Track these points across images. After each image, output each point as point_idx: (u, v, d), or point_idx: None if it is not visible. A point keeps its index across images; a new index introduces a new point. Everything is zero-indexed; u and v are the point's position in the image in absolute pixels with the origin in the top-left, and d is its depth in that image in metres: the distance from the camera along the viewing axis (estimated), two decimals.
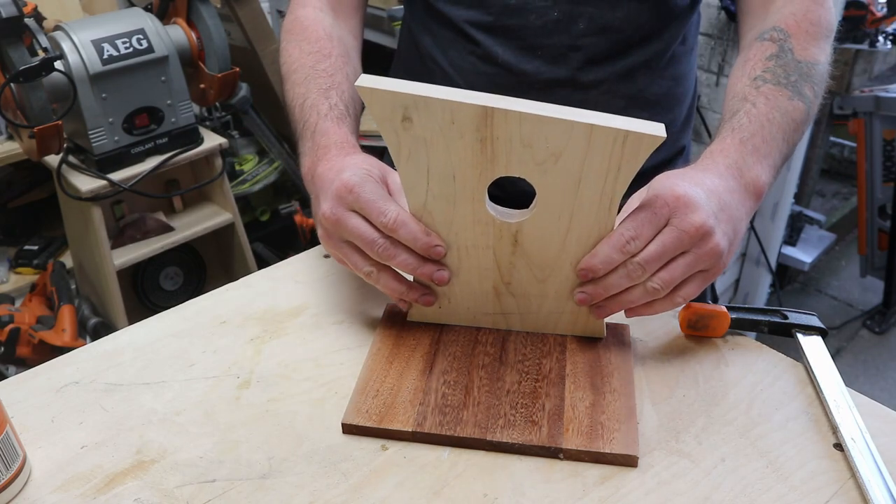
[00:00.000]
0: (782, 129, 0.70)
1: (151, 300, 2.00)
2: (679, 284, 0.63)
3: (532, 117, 0.57)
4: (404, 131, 0.60)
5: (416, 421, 0.60)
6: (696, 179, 0.64)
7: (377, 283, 0.67)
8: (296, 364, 0.68)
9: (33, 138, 1.55)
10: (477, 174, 0.61)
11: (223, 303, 0.77)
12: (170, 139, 1.80)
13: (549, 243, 0.64)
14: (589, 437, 0.58)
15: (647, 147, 0.57)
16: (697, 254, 0.61)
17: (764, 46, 0.77)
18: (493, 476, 0.56)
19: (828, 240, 2.52)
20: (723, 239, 0.62)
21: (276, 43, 2.31)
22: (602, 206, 0.61)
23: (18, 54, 1.49)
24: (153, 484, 0.57)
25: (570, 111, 0.57)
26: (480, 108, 0.57)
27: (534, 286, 0.67)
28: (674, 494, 0.54)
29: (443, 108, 0.58)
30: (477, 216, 0.64)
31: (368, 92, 0.58)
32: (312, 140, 0.74)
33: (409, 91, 0.58)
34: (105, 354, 0.71)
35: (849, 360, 2.32)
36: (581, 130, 0.57)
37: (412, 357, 0.67)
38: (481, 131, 0.58)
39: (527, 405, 0.61)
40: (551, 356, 0.67)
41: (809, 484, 0.55)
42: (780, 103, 0.71)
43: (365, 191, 0.63)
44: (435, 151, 0.60)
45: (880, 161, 2.30)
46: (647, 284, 0.62)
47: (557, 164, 0.59)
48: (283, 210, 2.38)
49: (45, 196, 2.21)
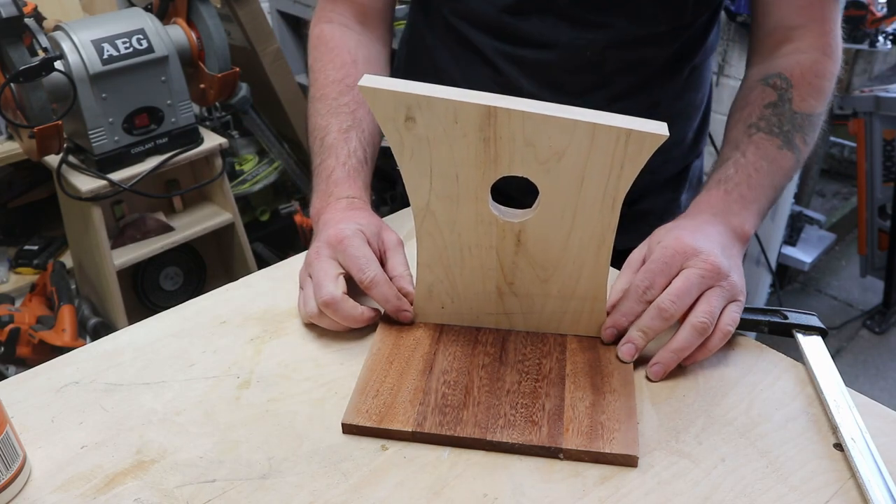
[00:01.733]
0: (769, 175, 0.75)
1: (151, 300, 2.00)
2: (719, 315, 0.65)
3: (535, 116, 0.57)
4: (407, 131, 0.60)
5: (416, 421, 0.60)
6: (695, 229, 0.68)
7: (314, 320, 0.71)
8: (296, 364, 0.68)
9: (33, 138, 1.55)
10: (480, 174, 0.61)
11: (223, 303, 0.77)
12: (170, 139, 1.80)
13: (552, 243, 0.64)
14: (589, 437, 0.58)
15: (649, 146, 0.57)
16: (724, 286, 0.65)
17: (766, 93, 0.80)
18: (493, 476, 0.56)
19: (828, 240, 2.51)
20: (736, 276, 0.66)
21: (276, 43, 2.31)
22: (605, 206, 0.61)
23: (18, 54, 1.49)
24: (153, 484, 0.57)
25: (573, 110, 0.57)
26: (484, 108, 0.57)
27: (537, 286, 0.67)
28: (674, 494, 0.54)
29: (446, 107, 0.58)
30: (480, 216, 0.64)
31: (371, 92, 0.58)
32: (326, 185, 0.79)
33: (413, 91, 0.58)
34: (105, 354, 0.71)
35: (849, 360, 2.32)
36: (584, 129, 0.57)
37: (412, 357, 0.67)
38: (484, 131, 0.58)
39: (527, 405, 0.61)
40: (551, 356, 0.67)
41: (809, 484, 0.55)
42: (769, 152, 0.75)
43: (352, 246, 0.70)
44: (438, 151, 0.60)
45: (880, 161, 2.30)
46: (692, 321, 0.63)
47: (560, 163, 0.59)
48: (283, 210, 2.37)
49: (45, 196, 2.21)
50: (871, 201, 2.37)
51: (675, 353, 0.64)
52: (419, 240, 0.67)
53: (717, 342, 0.65)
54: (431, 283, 0.69)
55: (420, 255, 0.68)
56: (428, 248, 0.67)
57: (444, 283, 0.69)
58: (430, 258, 0.68)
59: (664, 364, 0.64)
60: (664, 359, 0.64)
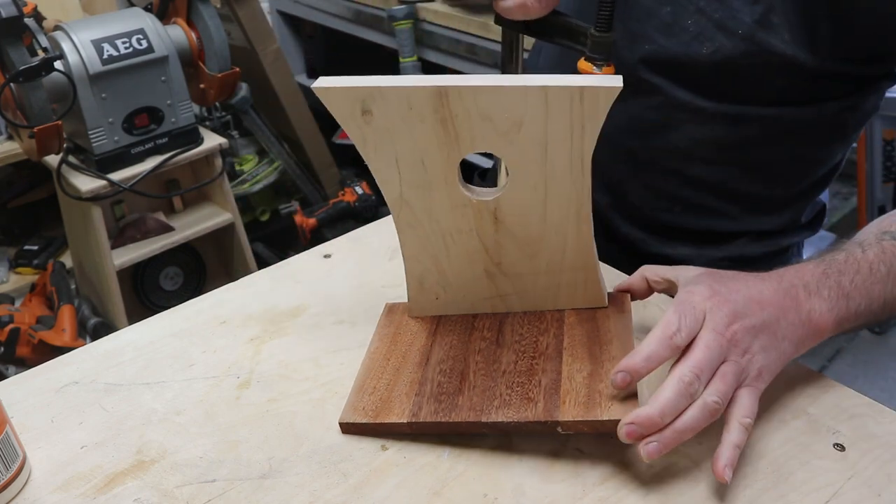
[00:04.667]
0: (882, 282, 0.62)
1: (151, 300, 2.00)
2: (733, 401, 0.55)
3: (486, 89, 0.57)
4: (366, 125, 0.60)
5: (411, 412, 0.59)
6: (746, 283, 0.60)
7: None
8: (296, 364, 0.68)
9: (33, 138, 1.55)
10: (445, 156, 0.61)
11: (223, 303, 0.77)
12: (170, 139, 1.80)
13: (529, 216, 0.64)
14: (586, 408, 0.56)
15: (605, 100, 0.56)
16: (738, 363, 0.56)
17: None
18: (493, 476, 0.56)
19: (828, 240, 2.51)
20: (760, 354, 0.57)
21: (276, 43, 2.32)
22: (574, 168, 0.60)
23: (18, 54, 1.49)
24: (153, 484, 0.57)
25: (523, 78, 0.57)
26: (434, 89, 0.57)
27: (525, 263, 0.67)
28: (674, 495, 0.54)
29: (398, 95, 0.58)
30: (453, 199, 0.63)
31: (324, 92, 0.59)
32: None
33: (364, 84, 0.58)
34: (105, 354, 0.71)
35: (849, 360, 2.32)
36: (536, 94, 0.56)
37: (409, 352, 0.66)
38: (439, 112, 0.58)
39: (523, 383, 0.60)
40: (549, 332, 0.66)
41: (809, 484, 0.55)
42: (895, 260, 0.63)
43: None
44: (400, 140, 0.61)
45: (880, 161, 2.30)
46: (705, 400, 0.53)
47: (521, 133, 0.59)
48: (283, 210, 2.38)
49: (45, 196, 2.21)
50: (871, 201, 2.37)
51: (662, 417, 0.52)
52: (400, 232, 0.67)
53: None
54: (421, 275, 0.69)
55: (404, 248, 0.68)
56: (410, 239, 0.67)
57: (433, 273, 0.68)
58: (414, 250, 0.67)
59: (663, 444, 0.53)
60: (665, 438, 0.53)
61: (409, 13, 2.02)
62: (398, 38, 2.06)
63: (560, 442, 0.59)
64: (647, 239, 0.87)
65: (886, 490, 0.54)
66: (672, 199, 0.85)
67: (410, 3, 2.03)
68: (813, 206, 0.92)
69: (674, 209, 0.85)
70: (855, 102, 0.79)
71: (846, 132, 0.83)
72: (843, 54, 0.73)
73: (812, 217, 0.93)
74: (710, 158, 0.81)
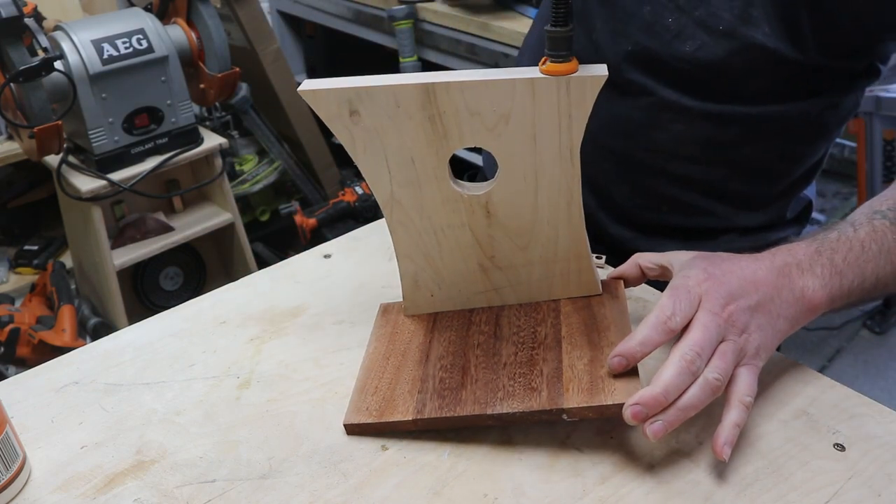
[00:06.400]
0: (874, 261, 0.63)
1: (151, 300, 2.00)
2: (733, 380, 0.56)
3: (473, 84, 0.57)
4: (354, 125, 0.60)
5: (415, 409, 0.59)
6: (740, 264, 0.60)
7: None
8: (296, 364, 0.68)
9: (33, 138, 1.55)
10: (434, 152, 0.61)
11: (223, 303, 0.77)
12: (170, 139, 1.80)
13: (521, 208, 0.64)
14: (590, 394, 0.56)
15: (591, 88, 0.57)
16: (737, 342, 0.56)
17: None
18: (493, 476, 0.56)
19: None
20: (757, 332, 0.57)
21: (276, 43, 2.31)
22: (563, 158, 0.60)
23: (18, 54, 1.49)
24: (153, 484, 0.57)
25: (508, 71, 0.58)
26: (421, 86, 0.58)
27: (518, 255, 0.67)
28: (674, 494, 0.54)
29: (385, 94, 0.58)
30: (444, 195, 0.64)
31: (311, 94, 0.59)
32: None
33: (351, 85, 0.58)
34: (105, 354, 0.71)
35: (849, 360, 2.32)
36: (523, 86, 0.57)
37: (408, 350, 0.66)
38: (427, 109, 0.59)
39: (524, 374, 0.60)
40: (546, 322, 0.66)
41: (809, 484, 0.55)
42: (886, 238, 0.64)
43: None
44: (388, 138, 0.61)
45: (880, 161, 2.30)
46: (707, 377, 0.54)
47: (509, 126, 0.59)
48: (283, 210, 2.37)
49: (45, 196, 2.21)
50: None
51: (666, 396, 0.53)
52: (392, 231, 0.67)
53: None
54: (415, 273, 0.69)
55: (397, 247, 0.68)
56: (403, 238, 0.67)
57: (427, 270, 0.69)
58: (407, 248, 0.67)
59: (667, 423, 0.53)
60: (669, 416, 0.53)
61: (409, 13, 2.02)
62: (398, 38, 2.06)
63: (560, 441, 0.59)
64: (635, 238, 0.87)
65: (886, 490, 0.54)
66: (658, 198, 0.85)
67: (410, 3, 2.03)
68: (798, 202, 0.93)
69: (661, 208, 0.86)
70: (837, 100, 0.80)
71: (829, 129, 0.84)
72: (826, 48, 0.73)
73: (798, 212, 0.94)
74: (696, 157, 0.81)
